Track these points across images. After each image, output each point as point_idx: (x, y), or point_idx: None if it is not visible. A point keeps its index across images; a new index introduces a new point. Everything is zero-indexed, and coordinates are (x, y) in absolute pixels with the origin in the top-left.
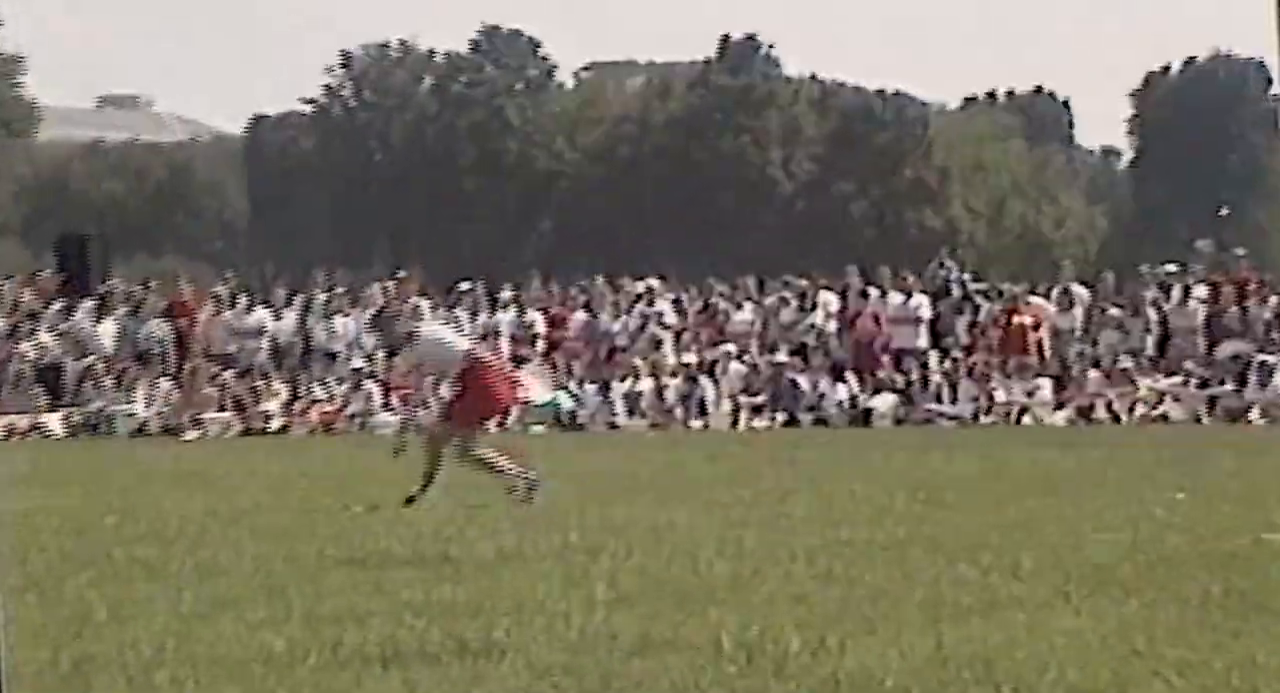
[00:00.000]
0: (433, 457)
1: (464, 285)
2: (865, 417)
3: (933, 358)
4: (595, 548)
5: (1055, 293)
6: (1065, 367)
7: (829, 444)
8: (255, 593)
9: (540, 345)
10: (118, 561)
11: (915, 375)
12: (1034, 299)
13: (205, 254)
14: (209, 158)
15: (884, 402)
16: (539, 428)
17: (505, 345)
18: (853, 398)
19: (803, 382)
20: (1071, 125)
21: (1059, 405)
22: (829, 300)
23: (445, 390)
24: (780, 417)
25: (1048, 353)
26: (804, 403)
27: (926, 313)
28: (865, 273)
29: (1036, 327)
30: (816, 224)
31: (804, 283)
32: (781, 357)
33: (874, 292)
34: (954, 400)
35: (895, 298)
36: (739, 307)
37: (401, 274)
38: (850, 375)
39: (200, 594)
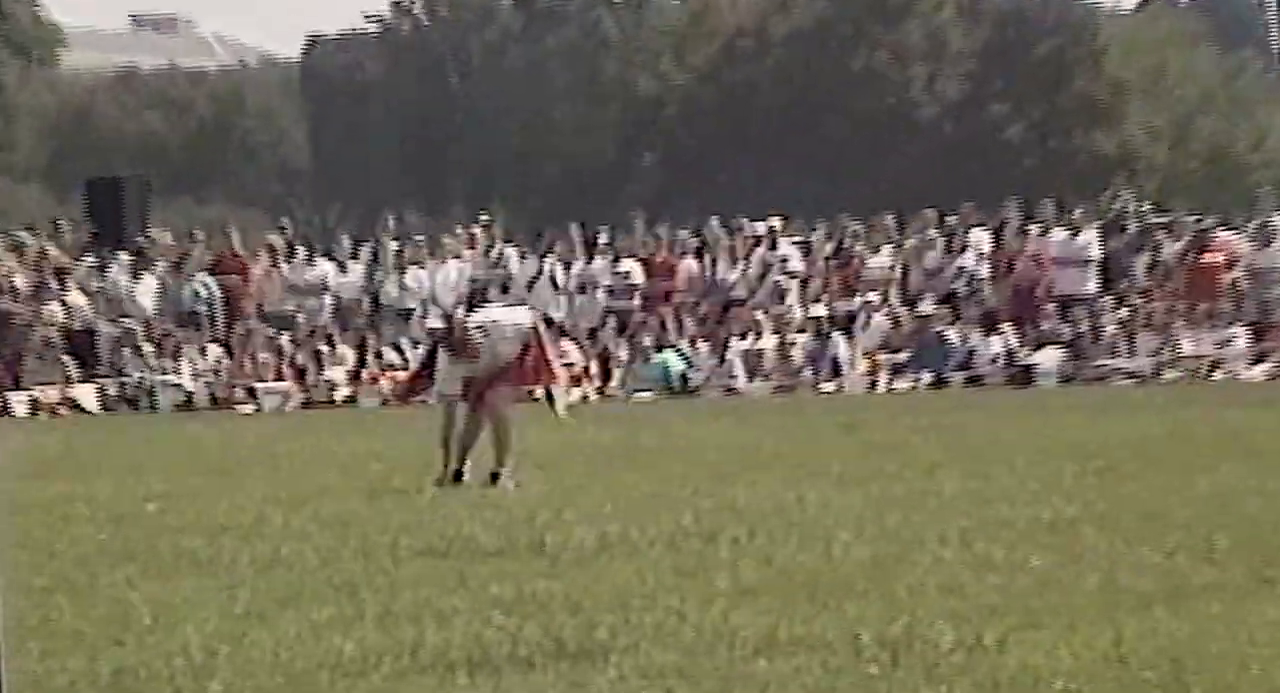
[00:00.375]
0: (492, 432)
1: (554, 231)
2: (1025, 375)
3: (1106, 305)
4: (712, 533)
5: (1251, 226)
6: (1264, 312)
7: (983, 408)
8: (321, 589)
9: (638, 300)
10: (162, 554)
11: (1085, 326)
12: (1225, 234)
13: (258, 199)
14: (260, 86)
15: (1048, 357)
16: (645, 394)
17: (601, 299)
18: (1010, 353)
19: (952, 336)
20: (1269, 28)
21: (1257, 358)
22: (981, 240)
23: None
24: (925, 377)
25: (1243, 296)
26: (953, 360)
27: (1097, 252)
28: (1025, 207)
29: (1230, 265)
30: (966, 152)
31: (952, 220)
32: (927, 307)
33: (1035, 229)
34: (1131, 354)
35: (1060, 235)
36: (876, 250)
37: (484, 219)
38: (1007, 327)
39: (258, 591)
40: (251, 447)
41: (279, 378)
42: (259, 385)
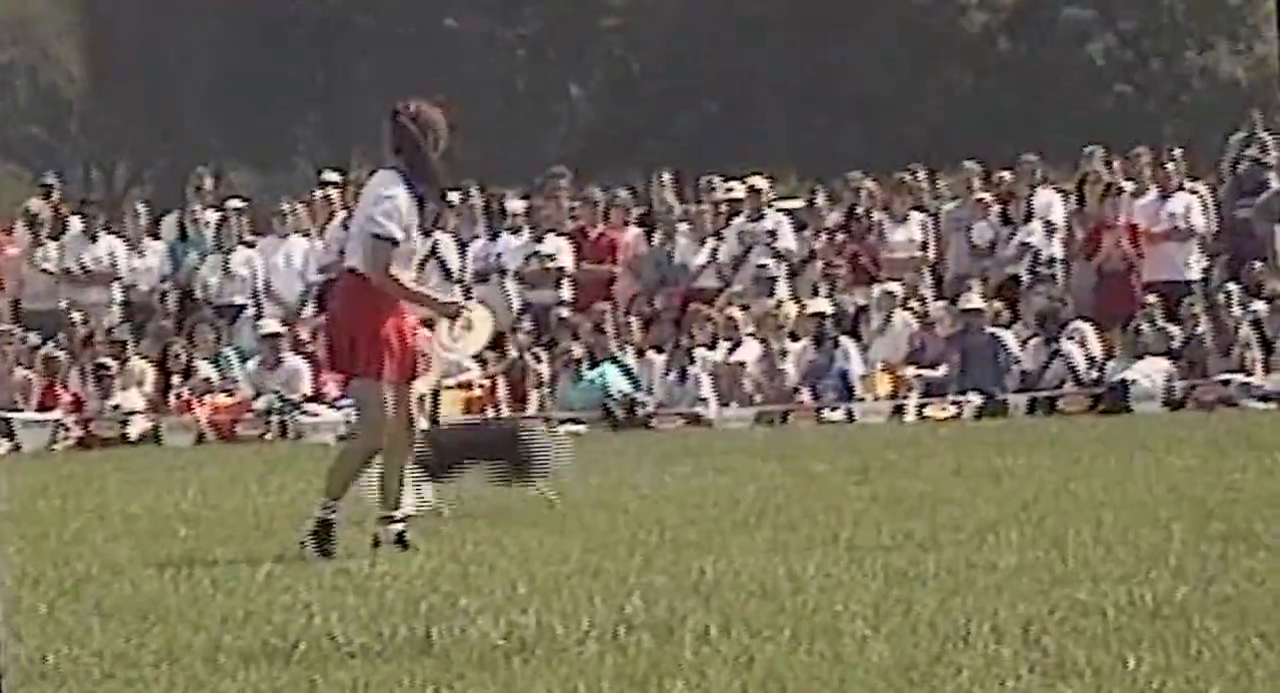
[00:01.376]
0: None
1: (453, 197)
2: (1117, 397)
3: (1234, 296)
4: (670, 625)
5: None
6: None
7: (1055, 444)
8: None
9: (566, 290)
10: None
11: (1202, 326)
12: None
13: (9, 146)
14: None
15: (1149, 372)
16: (575, 425)
17: (512, 288)
18: (1094, 364)
19: (1010, 341)
20: None
21: None
22: (1052, 204)
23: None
24: (973, 399)
25: None
26: (1012, 377)
27: (1204, 221)
28: (1111, 156)
29: None
30: (1028, 76)
31: (1007, 175)
32: (973, 300)
33: (1128, 186)
34: (1268, 368)
35: (1161, 198)
36: (901, 219)
37: (338, 177)
38: (1088, 329)
39: None
40: (3, 505)
41: (45, 406)
42: (15, 416)
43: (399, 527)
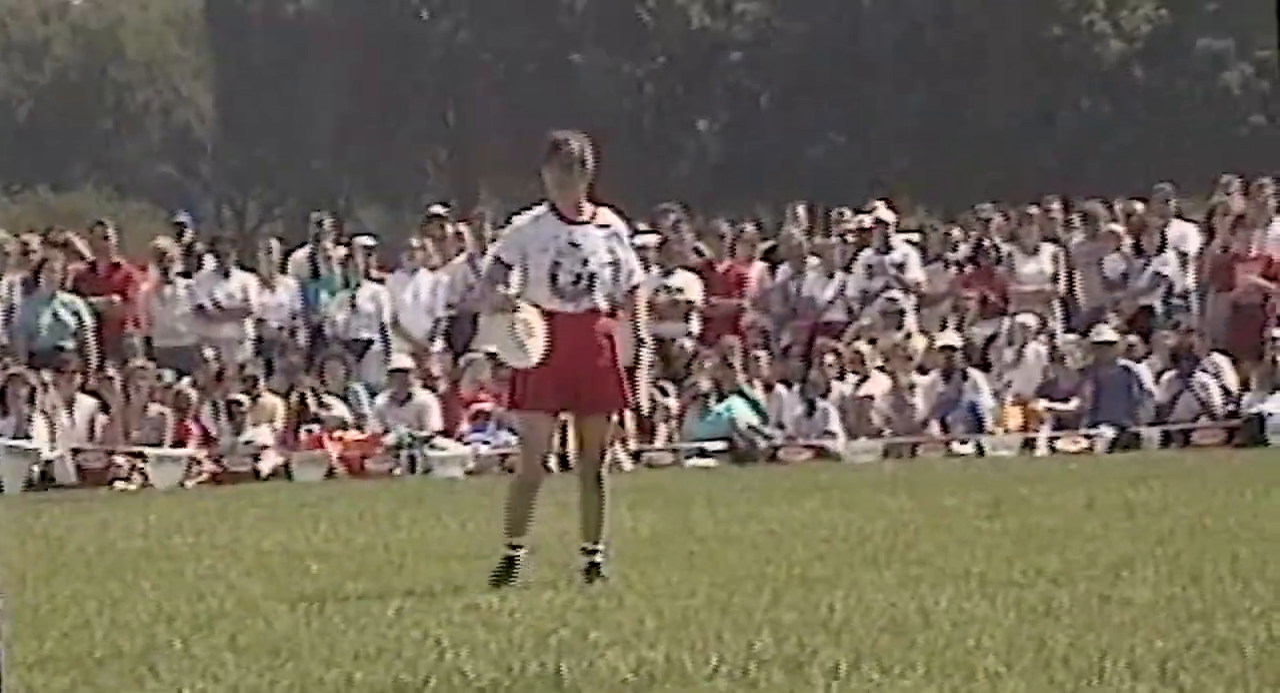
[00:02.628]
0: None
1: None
2: (1253, 430)
3: None
4: (798, 660)
5: None
6: None
7: (1191, 478)
8: None
9: (695, 323)
10: None
11: None
12: None
13: (143, 185)
14: (144, 22)
15: None
16: (703, 459)
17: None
18: (1229, 396)
19: (1144, 374)
20: None
21: None
22: (1187, 235)
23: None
24: (1105, 432)
25: None
26: (1146, 410)
27: None
28: (1247, 187)
29: None
30: (1162, 106)
31: (1138, 207)
32: (1106, 333)
33: (1277, 220)
34: None
35: None
36: (1032, 251)
37: (474, 212)
38: (1223, 361)
39: None
40: (138, 541)
41: (178, 442)
42: (148, 452)
43: (592, 558)
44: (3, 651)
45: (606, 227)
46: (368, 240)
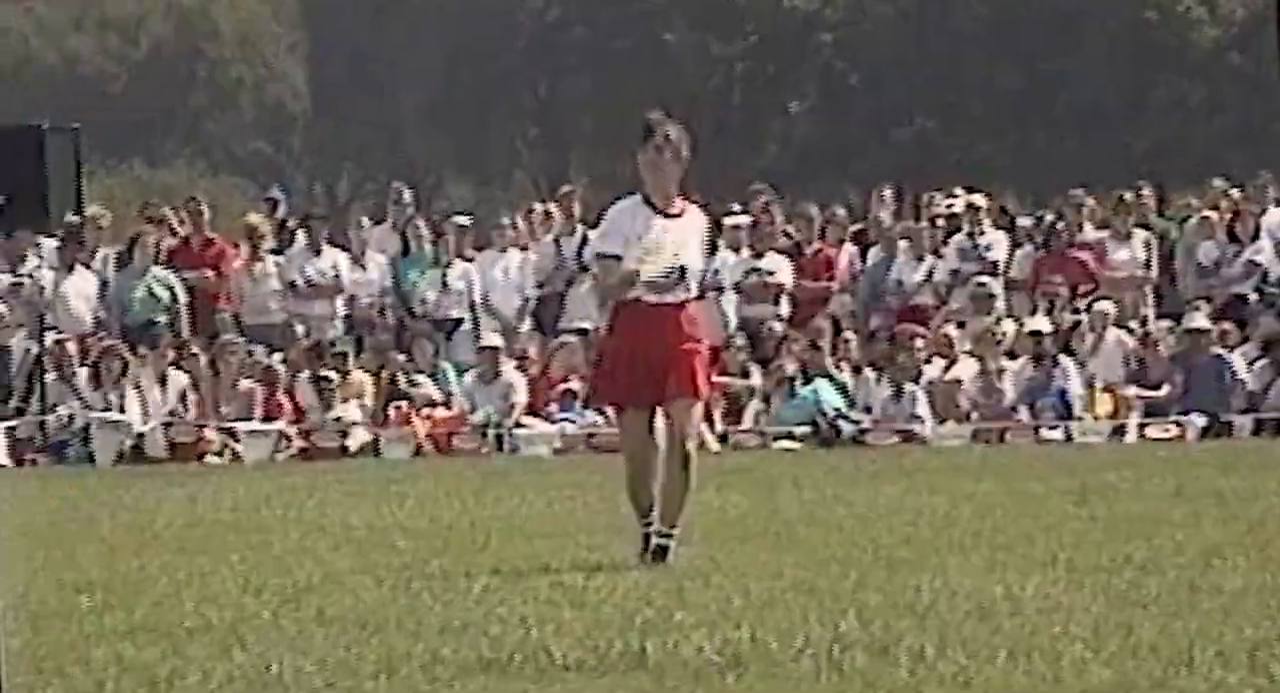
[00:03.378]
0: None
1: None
2: None
3: None
4: (885, 643)
5: None
6: None
7: None
8: None
9: (784, 306)
10: (99, 667)
11: None
12: None
13: (236, 161)
14: None
15: None
16: (789, 442)
17: (730, 303)
18: None
19: (1237, 362)
20: None
21: None
22: None
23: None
24: (1196, 420)
25: None
26: (1238, 398)
27: None
28: None
29: None
30: (1259, 93)
31: (1233, 191)
32: (1199, 321)
33: None
34: None
35: None
36: (1125, 237)
37: (563, 190)
38: None
39: None
40: (227, 514)
41: (268, 417)
42: (239, 427)
43: (662, 541)
44: (3, 650)
45: (694, 221)
46: (463, 220)
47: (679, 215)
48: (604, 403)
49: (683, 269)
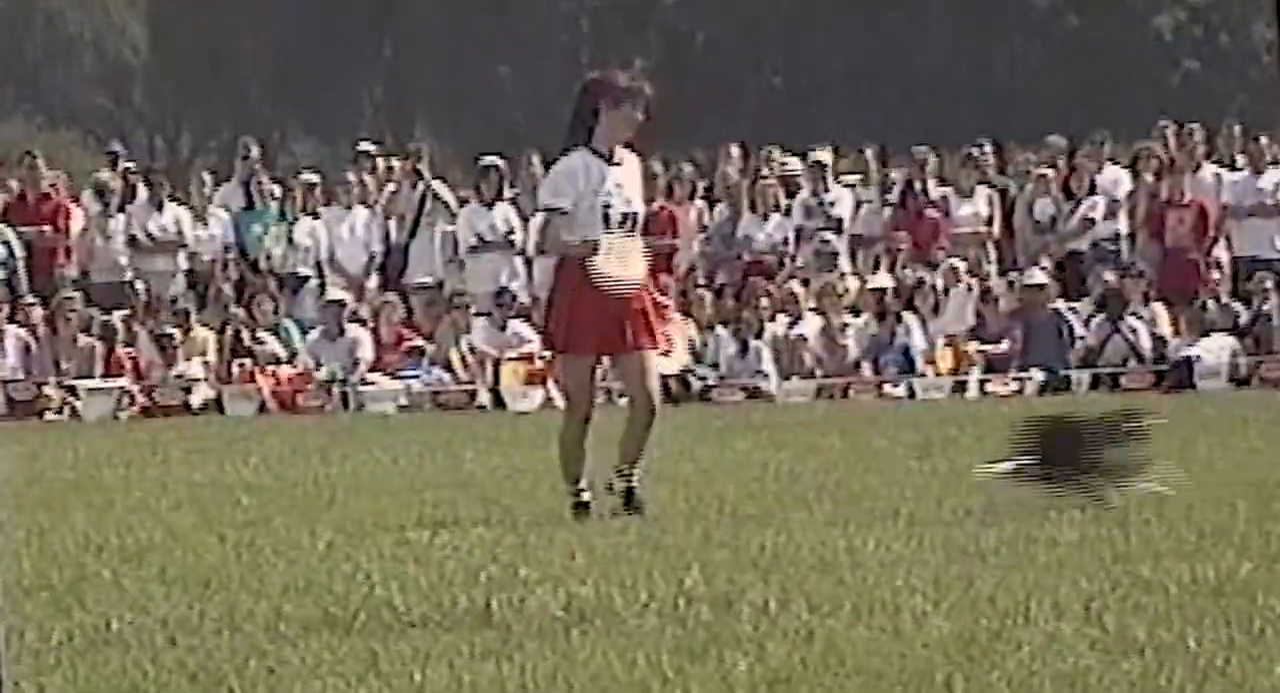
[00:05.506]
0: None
1: (492, 159)
2: (1181, 375)
3: None
4: (729, 598)
5: None
6: None
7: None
8: (170, 679)
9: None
10: None
11: (1271, 304)
12: None
13: (74, 115)
14: None
15: (1213, 349)
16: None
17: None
18: (1159, 344)
19: (1074, 318)
20: None
21: None
22: (1119, 180)
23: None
24: (1035, 375)
25: None
26: (1075, 353)
27: None
28: (1180, 125)
29: None
30: (1095, 50)
31: (1072, 146)
32: (1037, 276)
33: (1209, 165)
34: None
35: (1236, 173)
36: (967, 193)
37: (410, 146)
38: (1156, 307)
39: (73, 682)
40: (68, 472)
41: (109, 374)
42: (80, 384)
43: (629, 483)
44: (3, 649)
45: (635, 164)
46: (312, 177)
47: (621, 163)
48: (558, 350)
49: (635, 215)
